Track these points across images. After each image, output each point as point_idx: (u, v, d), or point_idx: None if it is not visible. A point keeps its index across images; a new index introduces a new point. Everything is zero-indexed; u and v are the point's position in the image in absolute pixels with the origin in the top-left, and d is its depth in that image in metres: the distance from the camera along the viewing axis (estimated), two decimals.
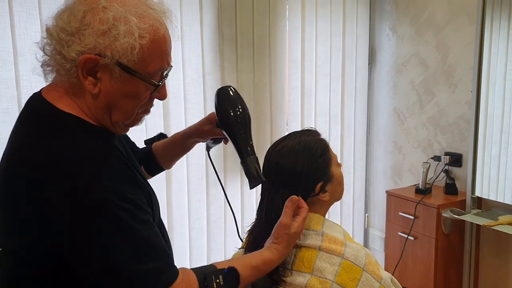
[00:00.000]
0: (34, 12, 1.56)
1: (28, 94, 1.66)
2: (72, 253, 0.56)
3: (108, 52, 0.58)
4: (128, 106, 0.64)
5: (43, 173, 0.56)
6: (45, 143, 0.59)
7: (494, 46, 1.81)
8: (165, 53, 0.63)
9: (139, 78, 0.61)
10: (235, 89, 0.83)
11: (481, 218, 1.78)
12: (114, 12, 0.57)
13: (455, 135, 2.12)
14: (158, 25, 0.61)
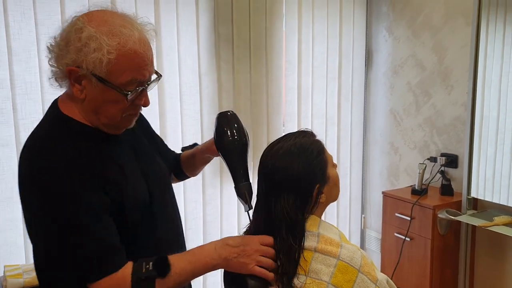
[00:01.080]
0: (29, 11, 1.55)
1: (22, 94, 1.67)
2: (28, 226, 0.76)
3: (84, 65, 0.70)
4: (110, 110, 0.74)
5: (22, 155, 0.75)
6: (35, 135, 0.76)
7: (490, 48, 1.82)
8: (137, 66, 0.72)
9: (110, 87, 0.71)
10: (233, 114, 0.88)
11: (477, 219, 1.79)
12: (87, 32, 0.69)
13: (451, 136, 2.13)
14: (127, 41, 0.70)
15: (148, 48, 0.74)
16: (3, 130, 1.54)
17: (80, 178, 0.70)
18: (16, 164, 1.61)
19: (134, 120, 0.80)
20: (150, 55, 0.74)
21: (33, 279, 1.34)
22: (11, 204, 1.57)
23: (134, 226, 0.78)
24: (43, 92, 1.61)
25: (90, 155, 0.74)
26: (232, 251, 0.75)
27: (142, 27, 0.74)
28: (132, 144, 0.85)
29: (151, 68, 0.75)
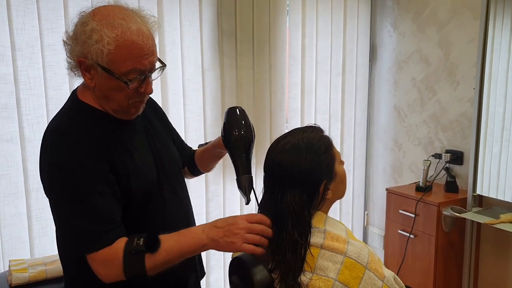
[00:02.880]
0: (32, 6, 1.54)
1: (26, 90, 1.67)
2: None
3: (89, 56, 0.77)
4: (117, 97, 0.81)
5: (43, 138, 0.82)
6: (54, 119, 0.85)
7: (497, 43, 1.79)
8: (136, 55, 0.77)
9: (112, 76, 0.77)
10: (242, 110, 0.92)
11: (482, 216, 1.78)
12: (90, 26, 0.75)
13: (456, 132, 2.11)
14: (125, 32, 0.75)
15: (147, 39, 0.78)
16: (7, 126, 1.54)
17: (87, 156, 0.77)
18: (20, 160, 1.62)
19: (142, 107, 0.85)
20: (149, 45, 0.78)
21: (38, 273, 1.35)
22: (16, 199, 1.58)
23: (143, 205, 0.84)
24: (46, 87, 1.60)
25: (99, 136, 0.80)
26: (219, 232, 0.76)
27: (143, 20, 0.79)
28: (145, 129, 0.91)
29: (151, 58, 0.79)
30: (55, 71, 1.61)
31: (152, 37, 0.79)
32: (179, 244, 0.77)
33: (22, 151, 1.58)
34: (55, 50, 1.60)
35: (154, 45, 0.80)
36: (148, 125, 0.93)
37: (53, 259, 1.44)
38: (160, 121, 0.99)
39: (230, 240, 0.75)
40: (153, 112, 0.97)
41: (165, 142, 0.96)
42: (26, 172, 1.59)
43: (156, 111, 1.00)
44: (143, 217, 0.85)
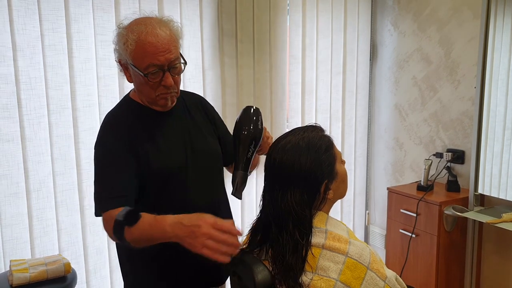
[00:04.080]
0: (33, 6, 1.54)
1: (27, 89, 1.67)
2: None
3: (122, 56, 0.95)
4: (145, 90, 0.96)
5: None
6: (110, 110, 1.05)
7: (498, 42, 1.79)
8: (152, 53, 0.90)
9: (137, 71, 0.93)
10: (256, 110, 0.98)
11: (484, 215, 1.77)
12: (120, 33, 0.94)
13: (458, 131, 2.11)
14: (141, 34, 0.90)
15: (162, 39, 0.91)
16: (8, 126, 1.55)
17: (114, 139, 0.95)
18: (21, 159, 1.62)
19: (169, 99, 0.97)
20: (164, 44, 0.91)
21: (39, 273, 1.35)
22: (17, 199, 1.58)
23: (162, 186, 0.96)
24: (47, 87, 1.60)
25: (130, 123, 0.97)
26: (183, 230, 0.78)
27: (162, 24, 0.93)
28: (183, 120, 1.03)
29: (167, 55, 0.92)
30: (56, 71, 1.61)
31: (169, 38, 0.92)
32: (151, 229, 0.83)
33: (23, 151, 1.58)
34: (56, 50, 1.60)
35: (171, 44, 0.92)
36: (188, 117, 1.05)
37: (54, 259, 1.44)
38: (204, 115, 1.10)
39: (190, 241, 0.76)
40: (197, 106, 1.09)
41: (202, 134, 1.05)
42: (27, 172, 1.59)
43: (202, 106, 1.12)
44: (161, 199, 0.96)
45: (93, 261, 1.77)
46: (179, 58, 0.95)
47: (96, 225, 1.76)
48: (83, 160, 1.70)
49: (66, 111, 1.65)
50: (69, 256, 1.67)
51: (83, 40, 1.65)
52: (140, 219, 0.84)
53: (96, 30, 1.67)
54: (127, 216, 0.85)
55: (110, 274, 1.82)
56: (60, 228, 1.67)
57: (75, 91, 1.66)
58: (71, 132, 1.66)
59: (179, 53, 0.95)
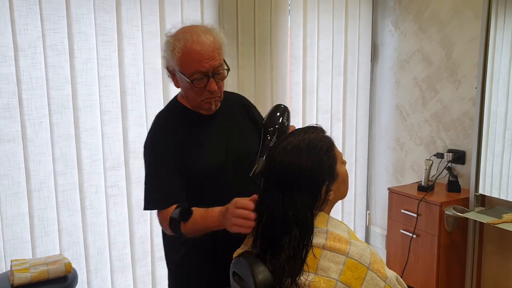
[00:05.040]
0: (35, 7, 1.54)
1: (28, 89, 1.67)
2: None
3: (169, 64, 1.02)
4: (190, 95, 1.03)
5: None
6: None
7: (499, 42, 1.79)
8: (197, 60, 0.97)
9: (184, 77, 0.99)
10: (284, 107, 1.05)
11: (485, 216, 1.77)
12: (168, 41, 1.00)
13: (458, 132, 2.11)
14: (187, 42, 0.97)
15: (207, 47, 0.97)
16: (9, 126, 1.55)
17: (161, 142, 1.03)
18: (22, 159, 1.63)
19: (213, 103, 1.03)
20: (209, 52, 0.97)
21: (40, 273, 1.35)
22: (18, 199, 1.58)
23: (199, 187, 1.02)
24: (48, 87, 1.61)
25: (176, 126, 1.04)
26: (224, 216, 0.89)
27: (206, 32, 0.99)
28: (227, 123, 1.09)
29: (212, 62, 0.97)
30: (57, 71, 1.61)
31: (213, 45, 0.98)
32: (202, 220, 0.94)
33: (24, 151, 1.58)
34: (57, 51, 1.60)
35: (215, 52, 0.98)
36: (231, 119, 1.11)
37: (55, 259, 1.44)
38: (246, 116, 1.15)
39: (226, 223, 0.88)
40: (240, 107, 1.15)
41: (243, 135, 1.10)
42: (28, 172, 1.59)
43: (245, 106, 1.18)
44: (202, 196, 1.02)
45: (94, 261, 1.77)
46: (223, 64, 1.01)
47: (98, 225, 1.76)
48: (84, 160, 1.70)
49: (67, 111, 1.65)
50: (70, 256, 1.67)
51: (84, 41, 1.65)
52: (193, 214, 0.95)
53: (97, 30, 1.68)
54: (181, 213, 0.95)
55: (111, 274, 1.82)
56: (61, 228, 1.68)
57: (76, 91, 1.66)
58: (72, 132, 1.66)
59: (223, 59, 1.01)
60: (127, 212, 1.83)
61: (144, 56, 1.80)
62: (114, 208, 1.79)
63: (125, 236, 1.83)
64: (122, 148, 1.78)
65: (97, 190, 1.75)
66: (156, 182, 1.02)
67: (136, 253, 1.87)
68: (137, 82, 1.79)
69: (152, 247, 1.91)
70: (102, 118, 1.73)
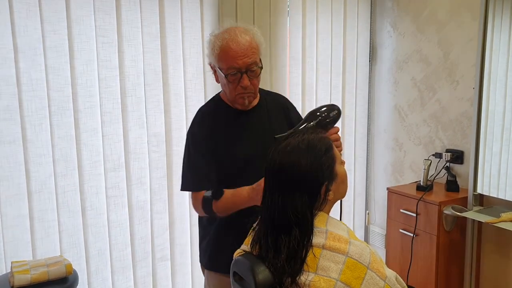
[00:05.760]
0: (34, 8, 1.55)
1: (28, 91, 1.68)
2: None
3: (211, 60, 1.13)
4: (226, 90, 1.14)
5: None
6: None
7: (496, 43, 1.80)
8: (232, 57, 1.07)
9: (221, 72, 1.10)
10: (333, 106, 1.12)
11: (483, 215, 1.78)
12: (209, 39, 1.13)
13: (457, 132, 2.12)
14: (224, 41, 1.08)
15: (242, 45, 1.07)
16: (9, 127, 1.55)
17: (200, 130, 1.16)
18: (22, 161, 1.63)
19: (246, 98, 1.12)
20: (243, 50, 1.07)
21: (40, 275, 1.35)
22: (18, 201, 1.59)
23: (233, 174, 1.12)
24: (49, 88, 1.61)
25: (213, 118, 1.16)
26: (254, 192, 1.03)
27: (243, 32, 1.09)
28: (260, 120, 1.17)
29: (245, 59, 1.07)
30: (57, 73, 1.62)
31: (249, 45, 1.08)
32: (233, 198, 1.07)
33: (24, 153, 1.58)
34: (58, 52, 1.61)
35: (250, 51, 1.07)
36: (265, 117, 1.19)
37: (55, 260, 1.44)
38: (282, 119, 1.23)
39: (257, 198, 0.95)
40: (279, 109, 1.23)
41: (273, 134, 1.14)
42: (28, 173, 1.60)
43: (283, 108, 1.25)
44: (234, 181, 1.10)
45: (95, 263, 1.77)
46: (257, 62, 1.10)
47: (98, 226, 1.77)
48: (84, 162, 1.71)
49: (68, 113, 1.66)
50: (70, 257, 1.67)
51: (84, 42, 1.66)
52: (224, 194, 1.07)
53: (98, 32, 1.68)
54: (214, 193, 1.09)
55: (111, 275, 1.82)
56: (61, 230, 1.68)
57: (77, 92, 1.67)
58: (72, 133, 1.67)
59: (257, 58, 1.10)
60: (127, 213, 1.83)
61: (145, 57, 1.80)
62: (114, 209, 1.80)
63: (125, 237, 1.83)
64: (122, 149, 1.79)
65: (98, 191, 1.75)
66: (191, 168, 1.15)
67: (137, 254, 1.88)
68: (137, 84, 1.80)
69: (152, 247, 1.92)
70: (103, 119, 1.73)
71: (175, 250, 1.98)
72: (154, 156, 1.87)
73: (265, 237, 0.84)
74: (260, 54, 1.11)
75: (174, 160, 1.92)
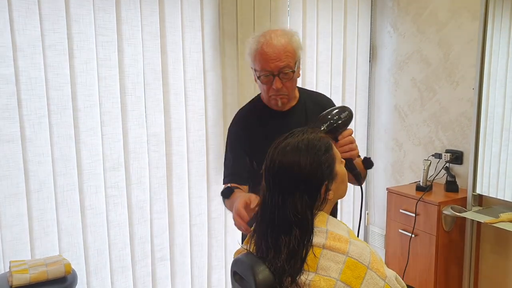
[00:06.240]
0: (34, 7, 1.54)
1: (27, 90, 1.68)
2: None
3: (249, 61, 1.18)
4: (261, 91, 1.22)
5: None
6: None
7: (496, 44, 1.80)
8: (264, 59, 1.12)
9: (255, 74, 1.17)
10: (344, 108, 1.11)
11: (482, 215, 1.78)
12: (249, 40, 1.18)
13: (456, 132, 2.12)
14: (258, 44, 1.13)
15: (275, 49, 1.11)
16: (8, 126, 1.55)
17: (236, 130, 1.25)
18: (21, 160, 1.63)
19: (279, 100, 1.17)
20: (276, 53, 1.11)
21: (39, 274, 1.35)
22: (17, 200, 1.58)
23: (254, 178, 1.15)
24: (48, 87, 1.61)
25: (249, 118, 1.24)
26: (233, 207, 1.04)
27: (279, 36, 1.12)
28: (295, 121, 1.17)
29: (278, 63, 1.11)
30: (56, 71, 1.61)
31: (283, 48, 1.11)
32: (229, 205, 1.11)
33: (23, 152, 1.58)
34: (57, 51, 1.60)
35: (283, 54, 1.11)
36: (302, 118, 1.21)
37: (54, 259, 1.44)
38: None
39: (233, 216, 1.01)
40: (318, 110, 1.19)
41: None
42: (27, 172, 1.59)
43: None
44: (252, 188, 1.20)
45: (94, 262, 1.77)
46: (290, 66, 1.13)
47: (97, 226, 1.76)
48: (84, 161, 1.70)
49: (67, 112, 1.65)
50: (69, 257, 1.67)
51: (84, 41, 1.65)
52: (232, 195, 1.13)
53: (97, 31, 1.68)
54: (224, 191, 1.15)
55: (110, 275, 1.82)
56: (60, 229, 1.68)
57: (76, 91, 1.66)
58: (72, 132, 1.66)
59: (291, 62, 1.12)
60: (127, 213, 1.83)
61: (144, 56, 1.80)
62: (114, 209, 1.79)
63: (125, 236, 1.83)
64: (122, 148, 1.79)
65: (97, 190, 1.75)
66: (224, 164, 1.25)
67: (136, 254, 1.87)
68: (137, 83, 1.79)
69: (152, 247, 1.91)
70: (102, 118, 1.73)
71: (175, 250, 1.98)
72: (153, 156, 1.87)
73: (265, 237, 0.84)
74: (297, 58, 1.14)
75: (173, 160, 1.92)
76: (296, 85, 1.22)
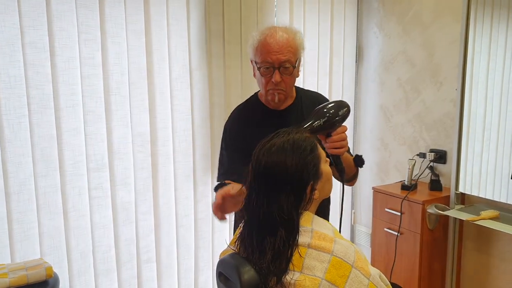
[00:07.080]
0: (12, 3, 1.50)
1: (6, 89, 1.62)
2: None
3: (250, 55, 1.19)
4: (260, 84, 1.19)
5: None
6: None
7: (477, 45, 1.84)
8: (266, 51, 1.12)
9: (255, 64, 1.16)
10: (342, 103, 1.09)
11: (464, 213, 1.83)
12: (252, 34, 1.17)
13: (440, 132, 2.16)
14: (263, 37, 1.13)
15: (278, 42, 1.11)
16: None
17: (231, 129, 1.24)
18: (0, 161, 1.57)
19: (277, 95, 1.15)
20: (278, 46, 1.10)
21: (19, 278, 1.31)
22: None
23: None
24: (28, 86, 1.56)
25: (245, 117, 1.23)
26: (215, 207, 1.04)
27: (283, 31, 1.13)
28: (291, 120, 1.17)
29: (279, 56, 1.11)
30: (37, 69, 1.57)
31: (286, 42, 1.11)
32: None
33: (2, 153, 1.53)
34: (37, 48, 1.56)
35: (285, 48, 1.10)
36: (298, 117, 1.19)
37: (35, 263, 1.40)
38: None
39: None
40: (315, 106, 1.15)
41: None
42: (6, 174, 1.54)
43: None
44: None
45: (77, 265, 1.73)
46: (291, 61, 1.12)
47: (81, 228, 1.72)
48: (66, 162, 1.66)
49: (48, 111, 1.61)
50: (51, 260, 1.63)
51: (66, 38, 1.61)
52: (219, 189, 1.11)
53: (80, 28, 1.64)
54: (217, 187, 1.15)
55: (95, 278, 1.78)
56: (42, 232, 1.63)
57: (58, 90, 1.62)
58: (53, 132, 1.62)
59: (292, 58, 1.12)
60: (111, 214, 1.79)
61: (129, 55, 1.77)
62: (98, 210, 1.76)
63: (109, 238, 1.79)
64: (106, 149, 1.75)
65: (80, 192, 1.71)
66: (219, 161, 1.27)
67: (122, 256, 1.84)
68: (121, 82, 1.76)
69: (137, 249, 1.88)
70: (85, 118, 1.69)
71: (161, 252, 1.95)
72: (138, 156, 1.84)
73: (251, 237, 0.84)
74: (298, 56, 1.14)
75: (159, 160, 1.89)
76: (295, 83, 1.21)
